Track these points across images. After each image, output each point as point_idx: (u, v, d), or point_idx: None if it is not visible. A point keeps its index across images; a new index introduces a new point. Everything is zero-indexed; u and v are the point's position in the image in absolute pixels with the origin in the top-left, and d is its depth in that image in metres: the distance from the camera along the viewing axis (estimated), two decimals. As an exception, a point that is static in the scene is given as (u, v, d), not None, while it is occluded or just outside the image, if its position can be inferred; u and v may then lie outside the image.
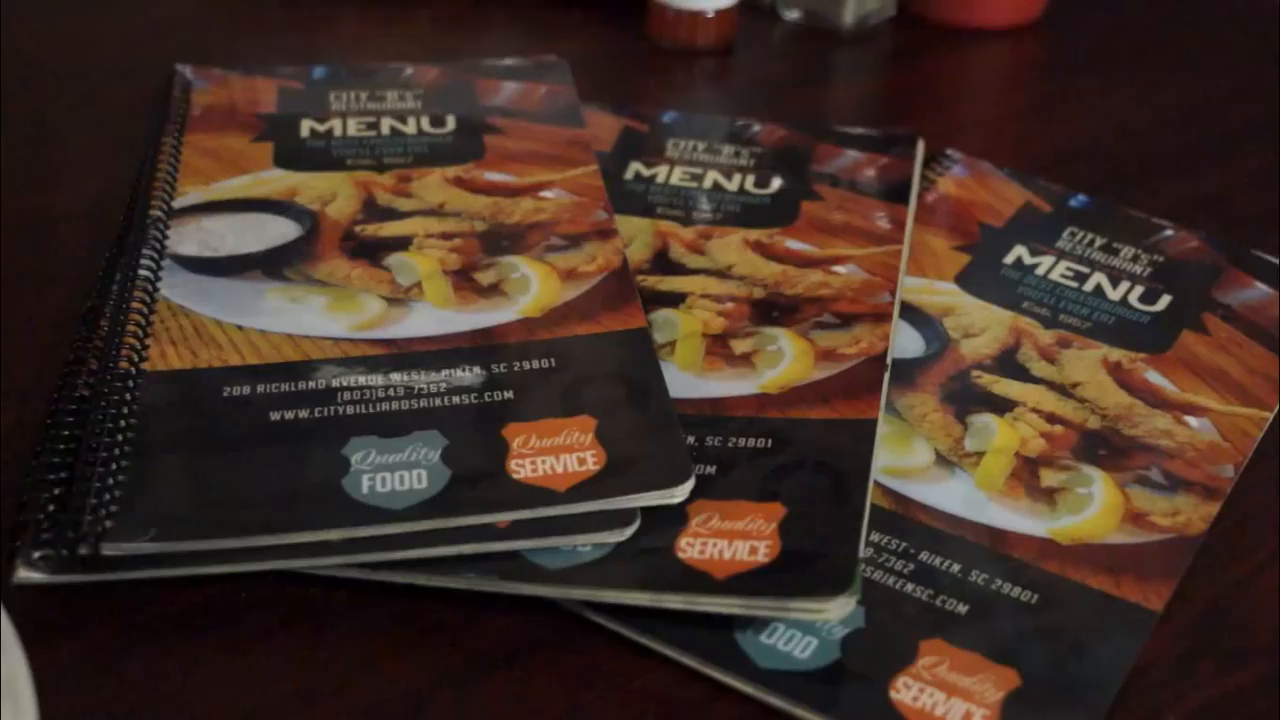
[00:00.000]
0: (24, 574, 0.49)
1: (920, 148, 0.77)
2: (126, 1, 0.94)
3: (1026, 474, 0.58)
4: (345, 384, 0.57)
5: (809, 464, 0.55)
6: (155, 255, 0.64)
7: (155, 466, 0.52)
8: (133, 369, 0.57)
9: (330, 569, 0.51)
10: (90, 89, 0.83)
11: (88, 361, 0.58)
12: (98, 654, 0.49)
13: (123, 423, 0.54)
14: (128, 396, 0.55)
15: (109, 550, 0.49)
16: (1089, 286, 0.69)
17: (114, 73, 0.85)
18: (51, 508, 0.51)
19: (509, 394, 0.56)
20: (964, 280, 0.69)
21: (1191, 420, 0.61)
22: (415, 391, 0.56)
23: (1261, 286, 0.70)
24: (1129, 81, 0.92)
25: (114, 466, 0.52)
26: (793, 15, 0.95)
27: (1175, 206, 0.76)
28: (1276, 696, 0.50)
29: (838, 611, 0.49)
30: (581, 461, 0.53)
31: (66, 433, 0.54)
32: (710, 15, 0.89)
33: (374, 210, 0.68)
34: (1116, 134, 0.85)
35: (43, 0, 0.93)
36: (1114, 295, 0.69)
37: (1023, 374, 0.63)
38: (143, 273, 0.62)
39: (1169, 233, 0.74)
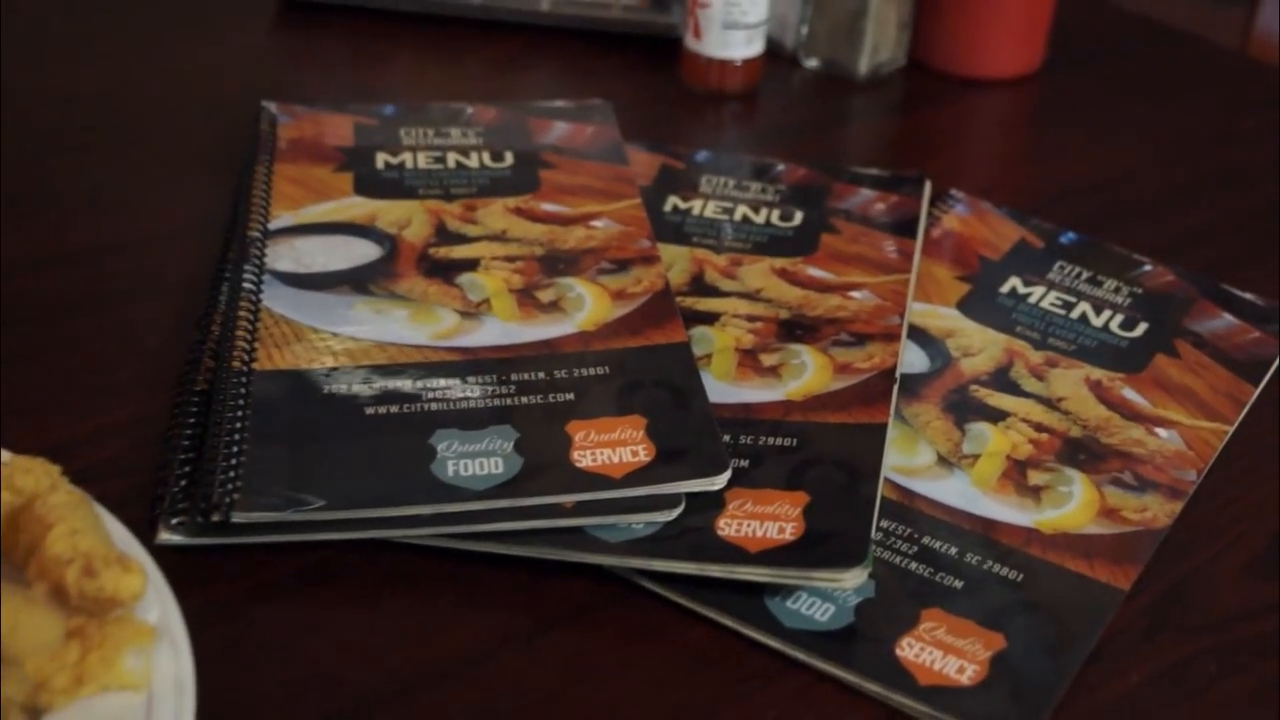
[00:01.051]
0: (164, 536, 0.58)
1: (927, 188, 0.86)
2: (202, 44, 1.03)
3: (1016, 474, 0.67)
4: (428, 385, 0.66)
5: (828, 460, 0.64)
6: (256, 271, 0.73)
7: (271, 449, 0.61)
8: (244, 368, 0.66)
9: (420, 539, 0.60)
10: (180, 122, 0.92)
11: (204, 361, 0.67)
12: (224, 605, 0.57)
13: (240, 412, 0.63)
14: (242, 390, 0.64)
15: (238, 518, 0.58)
16: (1075, 314, 0.78)
17: (198, 108, 0.94)
18: (184, 483, 0.60)
19: (570, 395, 0.65)
20: (964, 306, 0.78)
21: (1161, 432, 0.70)
22: (489, 392, 0.65)
23: (1228, 317, 0.79)
24: (1117, 130, 1.01)
25: (236, 449, 0.61)
26: (812, 64, 1.04)
27: (1154, 244, 0.85)
28: (1220, 665, 0.59)
29: (853, 581, 0.58)
30: (634, 453, 0.62)
31: (192, 420, 0.63)
32: (738, 63, 0.99)
33: (445, 235, 0.77)
34: (1104, 178, 0.95)
35: (126, 43, 1.02)
36: (1097, 322, 0.78)
37: (1015, 389, 0.72)
38: (246, 285, 0.71)
39: (1147, 268, 0.83)
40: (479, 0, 1.05)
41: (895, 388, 0.69)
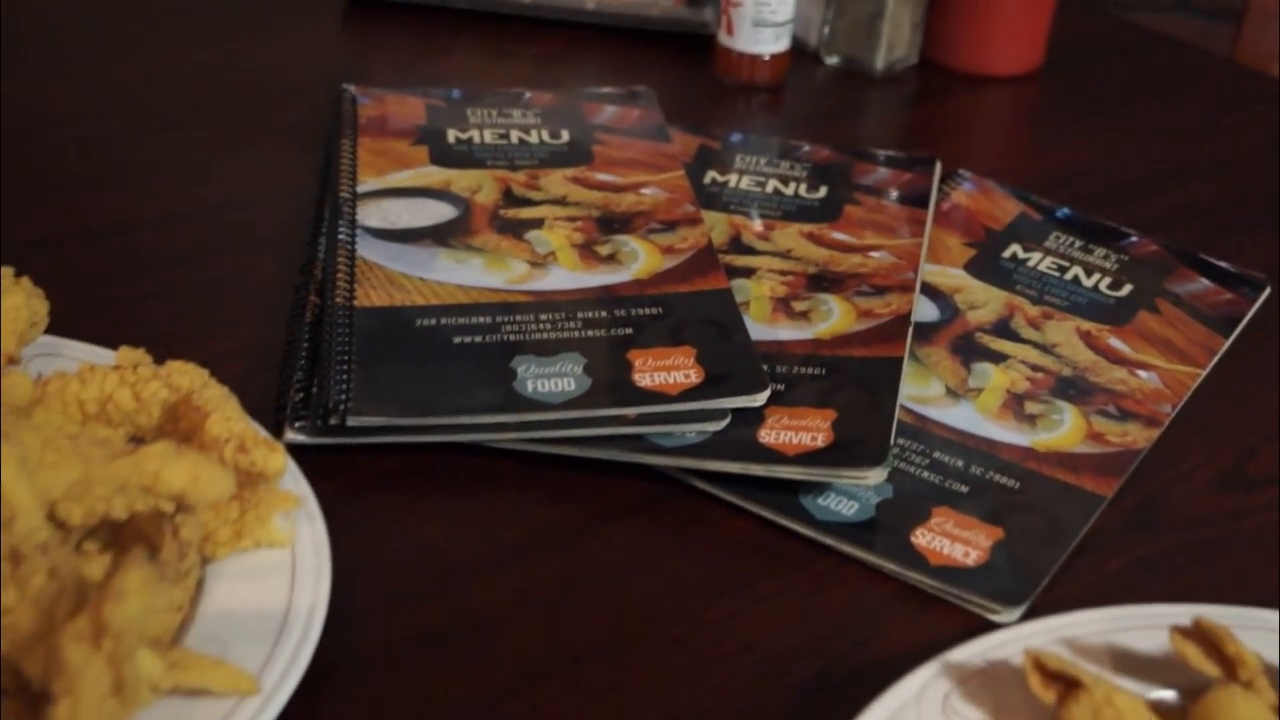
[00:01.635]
0: (290, 436, 0.69)
1: (938, 168, 0.97)
2: (279, 38, 1.14)
3: (1014, 404, 0.77)
4: (506, 320, 0.76)
5: (853, 384, 0.74)
6: (350, 226, 0.83)
7: (375, 368, 0.72)
8: (346, 304, 0.76)
9: (504, 443, 0.70)
10: (263, 105, 1.03)
11: (309, 299, 0.77)
12: (342, 492, 0.67)
13: (346, 339, 0.73)
14: (346, 321, 0.75)
15: (353, 422, 0.68)
16: (1069, 276, 0.88)
17: (279, 93, 1.04)
18: (301, 395, 0.70)
19: (629, 330, 0.76)
20: (971, 268, 0.88)
21: (1142, 373, 0.81)
22: (559, 327, 0.76)
23: (1204, 281, 0.90)
24: (1108, 121, 1.11)
25: (346, 367, 0.71)
26: (833, 60, 1.15)
27: (1141, 220, 0.95)
28: (1187, 558, 0.69)
29: (875, 479, 0.68)
30: (686, 376, 0.72)
31: (305, 345, 0.74)
32: (766, 58, 1.09)
33: (512, 199, 0.88)
34: (1096, 162, 1.05)
35: (208, 37, 1.13)
36: (1088, 283, 0.88)
37: (1014, 336, 0.82)
38: (341, 237, 0.82)
39: (1134, 239, 0.93)
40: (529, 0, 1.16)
41: (910, 329, 0.79)
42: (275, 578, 0.58)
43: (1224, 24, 1.78)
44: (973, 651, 0.58)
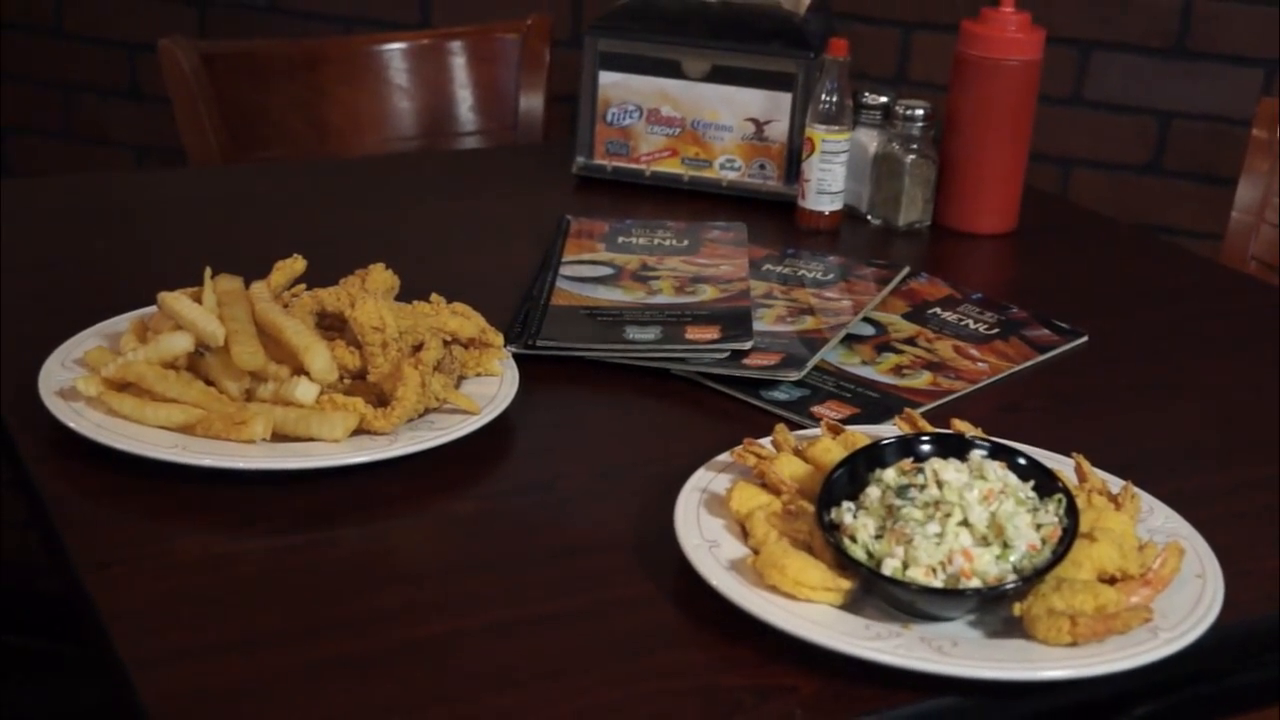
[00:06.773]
0: (509, 348, 1.39)
1: (906, 269, 1.64)
2: (537, 197, 1.89)
3: (896, 371, 1.42)
4: (626, 312, 1.46)
5: (801, 345, 1.41)
6: (554, 274, 1.55)
7: (554, 324, 1.42)
8: (545, 300, 1.48)
9: (616, 359, 1.39)
10: (525, 227, 1.77)
11: (529, 302, 1.49)
12: (537, 384, 1.37)
13: (542, 312, 1.44)
14: (544, 307, 1.46)
15: (540, 343, 1.39)
16: (963, 324, 1.54)
17: (535, 220, 1.78)
18: (517, 331, 1.41)
19: (690, 318, 1.45)
20: (904, 316, 1.55)
21: (979, 363, 1.45)
22: (652, 317, 1.45)
23: (1046, 330, 1.54)
24: (1039, 257, 1.77)
25: (540, 322, 1.42)
26: (875, 221, 1.84)
27: (1031, 304, 1.60)
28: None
29: (794, 377, 1.35)
30: (712, 335, 1.40)
31: (522, 316, 1.45)
32: (826, 213, 1.79)
33: (645, 267, 1.59)
34: (1021, 275, 1.70)
35: (499, 193, 1.89)
36: (974, 328, 1.54)
37: (914, 345, 1.48)
38: (550, 278, 1.54)
39: (1015, 309, 1.58)
40: (687, 178, 1.89)
41: (843, 331, 1.46)
42: (491, 384, 1.28)
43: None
44: (810, 431, 1.24)
